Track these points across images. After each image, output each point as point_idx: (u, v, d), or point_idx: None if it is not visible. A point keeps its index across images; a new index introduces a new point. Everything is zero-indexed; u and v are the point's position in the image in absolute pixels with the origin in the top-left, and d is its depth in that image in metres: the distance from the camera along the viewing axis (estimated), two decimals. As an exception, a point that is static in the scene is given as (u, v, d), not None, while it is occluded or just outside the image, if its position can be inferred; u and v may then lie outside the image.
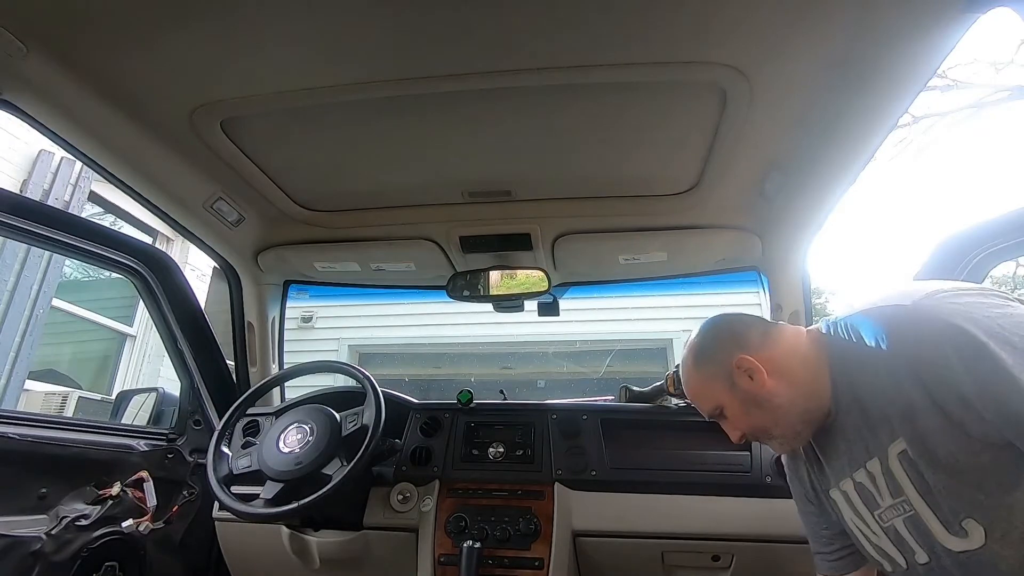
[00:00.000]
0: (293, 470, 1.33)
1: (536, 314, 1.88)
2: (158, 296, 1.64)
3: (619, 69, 0.99)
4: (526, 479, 1.49)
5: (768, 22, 0.89)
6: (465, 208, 1.50)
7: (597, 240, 1.56)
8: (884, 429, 0.82)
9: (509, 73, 1.01)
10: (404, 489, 1.51)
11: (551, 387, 6.01)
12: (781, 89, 1.03)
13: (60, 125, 1.11)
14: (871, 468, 0.86)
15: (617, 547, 1.43)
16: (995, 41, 5.99)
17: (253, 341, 1.85)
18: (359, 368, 1.49)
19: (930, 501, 0.79)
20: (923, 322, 0.78)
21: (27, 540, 1.28)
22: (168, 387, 1.82)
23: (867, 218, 21.70)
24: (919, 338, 0.77)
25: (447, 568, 1.38)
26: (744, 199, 1.41)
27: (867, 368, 0.83)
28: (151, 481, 1.53)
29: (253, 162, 1.33)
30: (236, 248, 1.65)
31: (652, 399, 1.60)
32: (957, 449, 0.74)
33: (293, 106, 1.12)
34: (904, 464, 0.81)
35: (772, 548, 1.38)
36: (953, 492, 0.77)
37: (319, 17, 0.89)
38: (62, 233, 1.38)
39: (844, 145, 1.13)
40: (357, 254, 1.67)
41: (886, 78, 0.96)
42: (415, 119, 1.17)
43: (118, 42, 0.95)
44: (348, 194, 1.49)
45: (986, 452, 0.73)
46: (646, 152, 1.28)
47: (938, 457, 0.76)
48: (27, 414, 1.52)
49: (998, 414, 0.70)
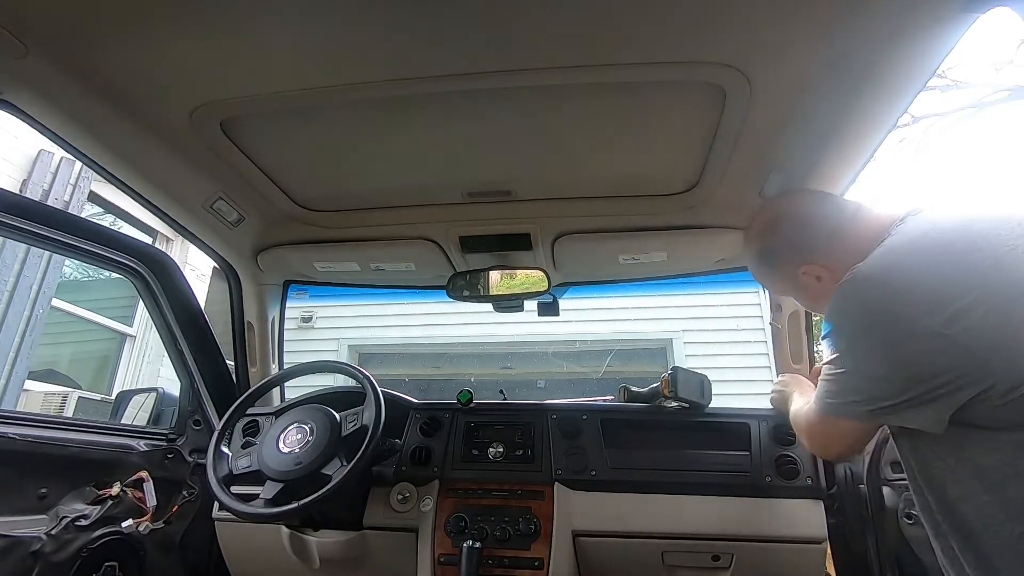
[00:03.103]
0: (293, 470, 1.33)
1: (536, 314, 1.88)
2: (158, 296, 1.64)
3: (619, 69, 0.99)
4: (526, 479, 1.49)
5: (768, 22, 0.89)
6: (465, 208, 1.50)
7: (597, 240, 1.56)
8: None
9: (509, 73, 1.01)
10: (404, 489, 1.51)
11: (551, 387, 6.02)
12: (781, 89, 1.03)
13: (60, 125, 1.11)
14: None
15: (617, 547, 1.43)
16: (995, 41, 5.99)
17: (253, 341, 1.85)
18: (359, 368, 1.49)
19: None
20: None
21: (27, 540, 1.28)
22: (168, 387, 1.82)
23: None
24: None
25: (447, 568, 1.38)
26: (744, 199, 1.41)
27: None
28: (151, 481, 1.53)
29: (253, 162, 1.33)
30: (236, 248, 1.65)
31: (649, 400, 1.61)
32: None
33: (293, 106, 1.11)
34: None
35: (772, 548, 1.38)
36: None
37: (319, 17, 0.89)
38: (62, 233, 1.38)
39: (844, 145, 1.13)
40: (357, 254, 1.67)
41: (886, 78, 0.96)
42: (415, 119, 1.17)
43: (118, 42, 0.95)
44: (348, 194, 1.49)
45: None
46: (646, 152, 1.28)
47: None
48: (27, 414, 1.52)
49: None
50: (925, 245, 0.85)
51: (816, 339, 1.60)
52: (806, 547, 1.37)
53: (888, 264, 0.85)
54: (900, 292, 0.81)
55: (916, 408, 0.80)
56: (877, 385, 0.83)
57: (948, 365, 0.76)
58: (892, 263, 0.85)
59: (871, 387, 0.84)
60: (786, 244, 1.06)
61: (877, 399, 0.84)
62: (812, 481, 1.40)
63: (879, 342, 0.82)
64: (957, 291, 0.77)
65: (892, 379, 0.81)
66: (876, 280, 0.84)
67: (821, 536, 1.37)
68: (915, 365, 0.78)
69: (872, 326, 0.83)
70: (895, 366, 0.81)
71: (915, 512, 1.37)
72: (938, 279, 0.79)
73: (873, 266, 0.86)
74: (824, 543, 1.37)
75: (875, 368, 0.83)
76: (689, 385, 1.51)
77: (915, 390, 0.79)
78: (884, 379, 0.82)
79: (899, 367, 0.80)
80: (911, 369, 0.79)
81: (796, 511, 1.38)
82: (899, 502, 1.39)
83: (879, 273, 0.85)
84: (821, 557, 1.38)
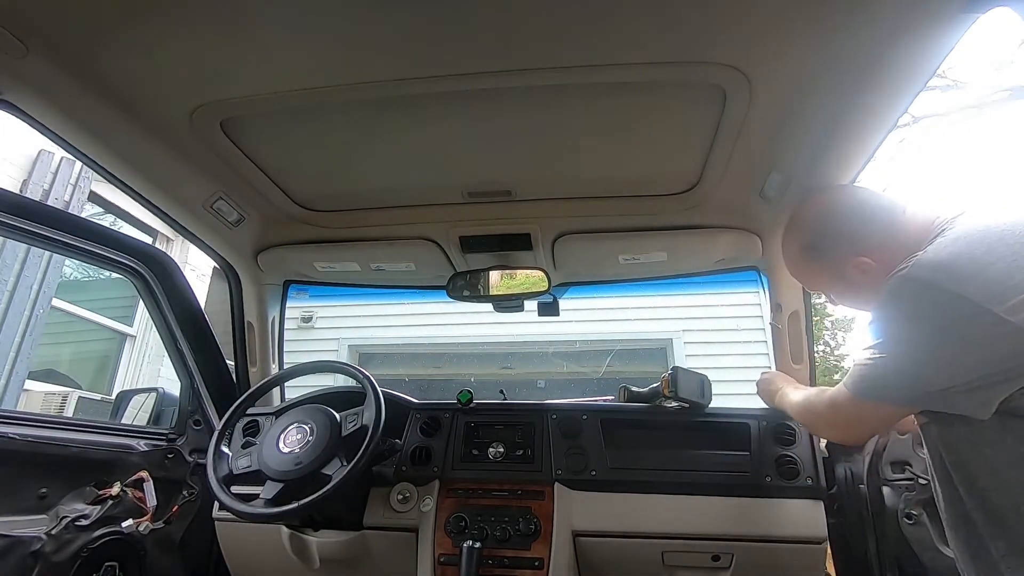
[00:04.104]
0: (293, 470, 1.33)
1: (536, 314, 1.88)
2: (158, 296, 1.64)
3: (619, 69, 0.99)
4: (526, 479, 1.48)
5: (768, 22, 0.89)
6: (465, 208, 1.50)
7: (597, 240, 1.56)
8: None
9: (509, 73, 1.01)
10: (404, 489, 1.51)
11: (551, 387, 6.02)
12: (781, 89, 1.03)
13: (60, 125, 1.11)
14: None
15: (617, 547, 1.43)
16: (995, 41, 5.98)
17: (253, 341, 1.85)
18: (359, 368, 1.49)
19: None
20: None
21: (27, 540, 1.28)
22: (168, 387, 1.82)
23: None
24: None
25: (447, 568, 1.38)
26: (744, 199, 1.41)
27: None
28: (151, 481, 1.53)
29: (253, 162, 1.33)
30: (236, 248, 1.65)
31: (649, 400, 1.61)
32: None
33: (293, 106, 1.11)
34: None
35: (772, 548, 1.38)
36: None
37: (319, 17, 0.89)
38: (62, 233, 1.38)
39: (844, 145, 1.13)
40: (357, 254, 1.67)
41: (886, 78, 0.96)
42: (415, 119, 1.17)
43: (118, 42, 0.95)
44: (348, 194, 1.49)
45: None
46: (646, 152, 1.28)
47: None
48: (27, 414, 1.52)
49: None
50: (987, 238, 0.86)
51: (816, 339, 1.60)
52: (806, 547, 1.37)
53: (954, 252, 0.86)
54: (967, 279, 0.82)
55: (967, 393, 0.81)
56: (930, 369, 0.85)
57: (1011, 352, 0.78)
58: (958, 252, 0.86)
59: (923, 371, 0.86)
60: (838, 237, 1.05)
61: (930, 383, 0.85)
62: (812, 481, 1.40)
63: (942, 326, 0.83)
64: (1020, 282, 0.78)
65: (952, 363, 0.82)
66: (943, 266, 0.85)
67: (821, 536, 1.37)
68: (979, 351, 0.80)
69: (935, 311, 0.84)
70: (957, 350, 0.82)
71: (915, 512, 1.37)
72: (1002, 270, 0.81)
73: (939, 253, 0.86)
74: (824, 543, 1.37)
75: (932, 353, 0.85)
76: (689, 385, 1.51)
77: (974, 374, 0.80)
78: (942, 363, 0.83)
79: (962, 352, 0.81)
80: (975, 355, 0.80)
81: (796, 511, 1.38)
82: (899, 502, 1.39)
83: (946, 260, 0.85)
84: (821, 557, 1.38)
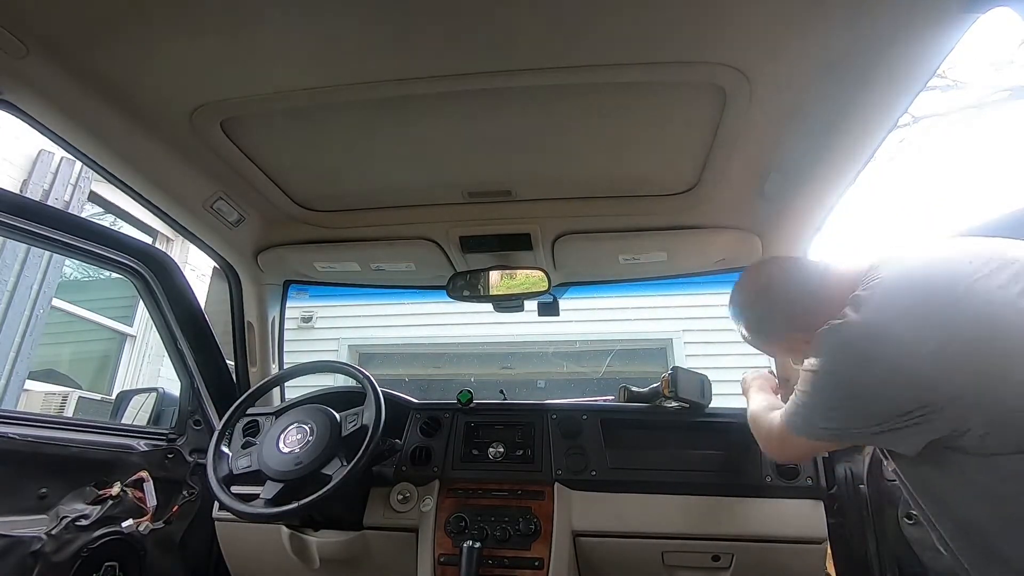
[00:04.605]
0: (293, 470, 1.33)
1: (536, 314, 1.88)
2: (158, 296, 1.64)
3: (619, 69, 0.99)
4: (526, 479, 1.49)
5: (768, 22, 0.89)
6: (465, 208, 1.50)
7: (597, 240, 1.56)
8: None
9: (509, 73, 1.01)
10: (404, 489, 1.51)
11: (551, 387, 6.02)
12: (781, 89, 1.03)
13: (60, 125, 1.11)
14: None
15: (617, 547, 1.43)
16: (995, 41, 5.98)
17: (253, 341, 1.85)
18: (359, 368, 1.49)
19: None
20: None
21: (27, 540, 1.28)
22: (168, 387, 1.82)
23: (867, 219, 21.65)
24: None
25: (447, 568, 1.38)
26: (744, 199, 1.41)
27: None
28: (151, 481, 1.53)
29: (253, 162, 1.33)
30: (236, 248, 1.65)
31: (649, 400, 1.61)
32: None
33: (293, 106, 1.12)
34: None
35: (772, 548, 1.38)
36: None
37: (319, 17, 0.89)
38: (62, 233, 1.38)
39: (844, 145, 1.13)
40: (357, 254, 1.67)
41: (886, 78, 0.96)
42: (415, 119, 1.17)
43: (118, 42, 0.95)
44: (348, 194, 1.49)
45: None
46: (646, 152, 1.28)
47: None
48: (27, 414, 1.52)
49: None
50: (895, 296, 0.92)
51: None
52: (806, 547, 1.37)
53: (867, 315, 0.91)
54: (876, 337, 0.89)
55: (879, 436, 0.90)
56: (842, 414, 0.93)
57: (915, 399, 0.84)
58: (868, 315, 0.91)
59: (837, 416, 0.94)
60: (768, 321, 1.13)
61: (844, 425, 0.94)
62: (812, 481, 1.40)
63: (849, 380, 0.92)
64: (923, 335, 0.85)
65: (858, 411, 0.91)
66: (855, 326, 0.91)
67: (821, 536, 1.37)
68: (886, 400, 0.87)
69: (847, 367, 0.92)
70: (867, 401, 0.90)
71: (915, 512, 1.37)
72: (909, 326, 0.87)
73: (850, 317, 0.92)
74: (824, 543, 1.37)
75: (841, 401, 0.93)
76: (689, 385, 1.51)
77: (887, 422, 0.87)
78: (851, 411, 0.92)
79: (872, 402, 0.89)
80: (881, 405, 0.88)
81: (796, 511, 1.38)
82: (899, 502, 1.39)
83: (856, 321, 0.91)
84: (821, 557, 1.38)
